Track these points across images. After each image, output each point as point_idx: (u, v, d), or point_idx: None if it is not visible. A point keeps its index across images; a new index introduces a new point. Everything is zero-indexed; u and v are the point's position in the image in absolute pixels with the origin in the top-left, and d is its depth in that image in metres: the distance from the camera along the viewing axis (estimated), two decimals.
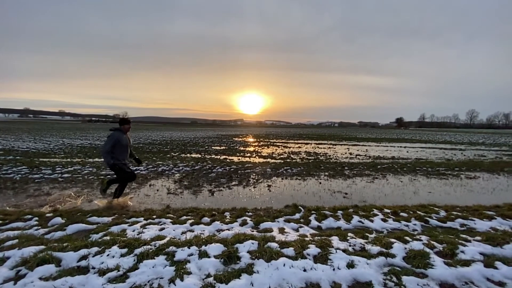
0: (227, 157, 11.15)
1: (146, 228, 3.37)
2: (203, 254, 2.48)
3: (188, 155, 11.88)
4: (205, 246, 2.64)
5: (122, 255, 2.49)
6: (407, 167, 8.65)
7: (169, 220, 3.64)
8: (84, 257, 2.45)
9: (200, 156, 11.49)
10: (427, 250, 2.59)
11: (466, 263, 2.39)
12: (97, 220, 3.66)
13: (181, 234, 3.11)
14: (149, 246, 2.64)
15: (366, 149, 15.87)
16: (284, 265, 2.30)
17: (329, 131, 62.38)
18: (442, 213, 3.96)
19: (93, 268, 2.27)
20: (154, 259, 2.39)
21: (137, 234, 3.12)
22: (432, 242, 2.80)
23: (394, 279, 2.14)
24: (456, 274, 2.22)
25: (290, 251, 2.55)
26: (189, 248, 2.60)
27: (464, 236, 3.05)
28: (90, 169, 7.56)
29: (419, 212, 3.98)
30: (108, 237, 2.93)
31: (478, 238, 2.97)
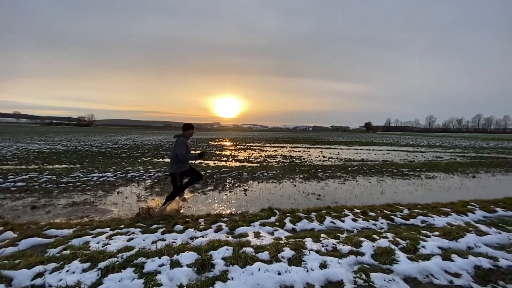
0: (202, 161, 10.91)
1: (112, 239, 3.16)
2: (175, 264, 2.37)
3: (161, 160, 11.42)
4: (177, 255, 2.53)
5: (84, 270, 2.29)
6: (375, 168, 9.19)
7: (139, 230, 3.44)
8: (40, 275, 2.21)
9: None
10: (393, 247, 2.75)
11: (427, 257, 2.58)
12: (55, 232, 3.34)
13: (152, 243, 2.96)
14: (116, 259, 2.46)
15: (338, 152, 16.59)
16: (259, 269, 2.29)
17: (304, 135, 64.24)
18: (406, 211, 4.26)
19: (50, 286, 2.06)
20: (121, 272, 2.24)
21: (102, 246, 2.90)
22: (397, 239, 2.99)
23: (363, 276, 2.23)
24: (418, 268, 2.38)
25: (265, 255, 2.55)
26: (160, 258, 2.47)
27: (424, 232, 3.30)
28: (49, 176, 6.90)
29: (386, 211, 4.23)
30: (68, 251, 2.68)
31: (437, 233, 3.24)
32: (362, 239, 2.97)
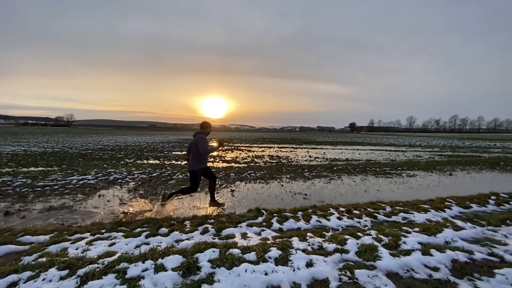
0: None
1: (92, 244, 3.03)
2: (159, 268, 2.31)
3: (145, 161, 11.11)
4: (162, 259, 2.46)
5: (62, 278, 2.18)
6: (359, 168, 9.44)
7: (121, 234, 3.32)
8: (14, 284, 2.09)
9: (158, 162, 10.83)
10: (376, 243, 2.83)
11: (408, 252, 2.67)
12: (30, 239, 3.15)
13: (135, 248, 2.86)
14: (96, 265, 2.36)
15: (324, 152, 16.89)
16: (245, 270, 2.28)
17: (291, 135, 64.93)
18: (388, 209, 4.40)
19: None
20: (102, 279, 2.15)
21: (82, 252, 2.77)
22: (380, 235, 3.08)
23: (348, 273, 2.28)
24: (400, 263, 2.46)
25: (252, 256, 2.54)
26: (143, 263, 2.39)
27: (405, 228, 3.42)
28: (24, 180, 6.52)
29: (369, 209, 4.35)
30: (44, 259, 2.54)
31: (417, 229, 3.37)
32: (347, 236, 3.04)
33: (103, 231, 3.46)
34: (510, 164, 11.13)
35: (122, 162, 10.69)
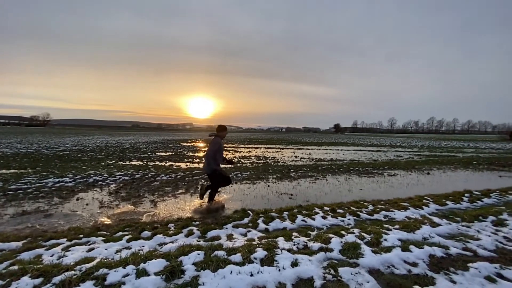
0: (173, 163, 10.51)
1: (69, 250, 2.88)
2: (141, 273, 2.23)
3: (128, 162, 10.74)
4: (144, 263, 2.38)
5: (36, 287, 2.06)
6: (343, 167, 9.67)
7: (101, 239, 3.18)
8: None
9: (141, 163, 10.52)
10: (359, 241, 2.91)
11: (388, 249, 2.76)
12: (1, 246, 2.96)
13: (115, 253, 2.75)
14: (73, 272, 2.24)
15: (309, 152, 17.16)
16: (231, 272, 2.25)
17: (278, 135, 65.44)
18: (370, 207, 4.53)
19: None
20: (79, 286, 2.04)
21: (57, 259, 2.63)
22: (363, 233, 3.16)
23: (332, 271, 2.32)
24: (381, 260, 2.54)
25: (237, 257, 2.52)
26: (124, 268, 2.30)
27: (386, 226, 3.54)
28: None
29: (353, 208, 4.46)
30: (16, 267, 2.38)
31: (397, 226, 3.49)
32: (331, 235, 3.09)
33: (81, 236, 3.30)
34: (482, 163, 11.85)
35: (103, 163, 10.27)
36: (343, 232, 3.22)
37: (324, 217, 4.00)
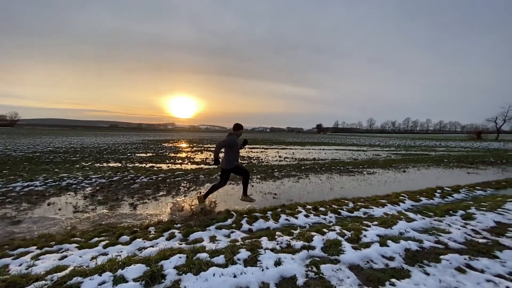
0: (154, 165, 10.19)
1: (39, 259, 2.69)
2: (119, 280, 2.13)
3: (105, 164, 10.25)
4: (122, 269, 2.27)
5: None
6: (325, 167, 9.90)
7: (74, 245, 3.01)
8: None
9: (120, 165, 10.08)
10: (340, 238, 2.98)
11: (368, 245, 2.86)
12: None
13: (91, 260, 2.61)
14: (44, 282, 2.10)
15: (293, 152, 17.39)
16: (213, 274, 2.21)
17: (262, 136, 65.66)
18: (351, 205, 4.68)
19: None
20: None
21: (26, 269, 2.45)
22: (343, 230, 3.25)
23: (314, 269, 2.35)
24: (361, 256, 2.62)
25: (220, 259, 2.48)
26: (100, 276, 2.18)
27: (366, 222, 3.66)
28: None
29: (334, 206, 4.58)
30: None
31: (376, 222, 3.62)
32: (313, 233, 3.14)
33: (53, 243, 3.10)
34: (452, 161, 12.67)
35: (78, 165, 9.73)
36: (325, 230, 3.29)
37: (306, 216, 4.06)
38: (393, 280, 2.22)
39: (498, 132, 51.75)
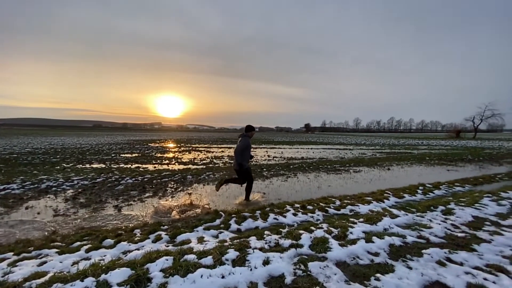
0: (140, 165, 9.94)
1: (17, 265, 2.56)
2: (102, 285, 2.05)
3: (88, 165, 9.89)
4: (106, 274, 2.20)
5: None
6: (313, 165, 10.04)
7: (55, 250, 2.88)
8: None
9: (104, 166, 9.76)
10: (327, 236, 3.03)
11: (354, 241, 2.92)
12: None
13: (72, 265, 2.51)
14: None
15: (282, 151, 17.51)
16: (201, 276, 2.18)
17: None
18: (338, 203, 4.76)
19: None
20: None
21: (2, 276, 2.32)
22: (330, 228, 3.30)
23: (302, 267, 2.38)
24: (347, 252, 2.67)
25: (208, 260, 2.45)
26: (82, 281, 2.10)
27: (352, 219, 3.74)
28: None
29: (321, 204, 4.64)
30: None
31: (361, 219, 3.71)
32: (301, 231, 3.17)
33: (31, 249, 2.95)
34: (433, 159, 13.20)
35: (58, 167, 9.32)
36: (312, 228, 3.33)
37: (295, 214, 4.10)
38: (378, 275, 2.28)
39: (475, 131, 54.45)
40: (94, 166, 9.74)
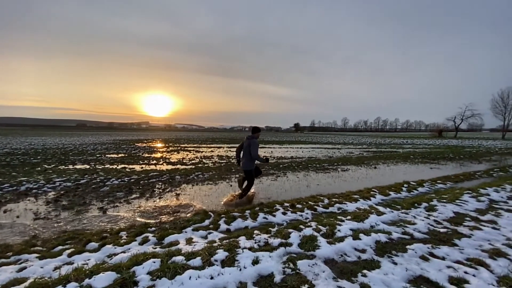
0: (126, 166, 9.69)
1: None
2: None
3: (71, 166, 9.53)
4: (90, 278, 2.13)
5: None
6: (302, 165, 10.14)
7: (35, 255, 2.76)
8: None
9: (88, 167, 9.43)
10: (315, 234, 3.06)
11: (341, 239, 2.97)
12: None
13: (54, 270, 2.41)
14: None
15: (271, 151, 17.58)
16: (190, 277, 2.15)
17: (241, 135, 65.50)
18: (326, 201, 4.83)
19: None
20: None
21: None
22: (319, 226, 3.35)
23: (291, 265, 2.39)
24: (335, 250, 2.72)
25: (197, 261, 2.42)
26: (64, 287, 2.02)
27: (340, 217, 3.80)
28: None
29: (310, 202, 4.70)
30: None
31: (349, 217, 3.78)
32: (290, 230, 3.19)
33: (10, 254, 2.82)
34: (417, 157, 13.65)
35: (39, 168, 8.93)
36: (301, 226, 3.36)
37: (284, 213, 4.12)
38: (365, 271, 2.33)
39: (456, 130, 56.84)
40: (78, 167, 9.40)
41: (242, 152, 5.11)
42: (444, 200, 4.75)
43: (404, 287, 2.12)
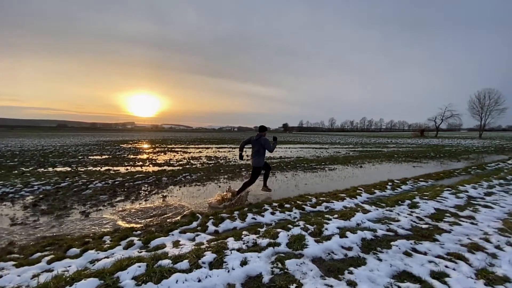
0: (110, 168, 9.38)
1: None
2: None
3: (50, 169, 9.11)
4: (71, 286, 2.04)
5: None
6: (290, 164, 10.22)
7: (12, 263, 2.61)
8: None
9: (70, 169, 9.05)
10: (303, 233, 3.09)
11: (329, 237, 3.02)
12: None
13: (32, 278, 2.29)
14: None
15: None
16: (176, 281, 2.11)
17: (229, 135, 65.15)
18: (314, 200, 4.89)
19: None
20: None
21: None
22: (307, 225, 3.38)
23: (280, 265, 2.40)
24: (323, 248, 2.75)
25: (184, 264, 2.38)
26: None
27: (327, 216, 3.86)
28: None
29: (298, 202, 4.74)
30: None
31: (336, 216, 3.85)
32: (279, 230, 3.20)
33: None
34: (401, 156, 14.12)
35: (16, 171, 8.47)
36: (290, 226, 3.38)
37: (272, 213, 4.13)
38: (351, 268, 2.38)
39: (437, 130, 59.34)
40: (58, 169, 8.99)
41: (251, 151, 5.19)
42: (426, 197, 4.94)
43: (388, 282, 2.17)
